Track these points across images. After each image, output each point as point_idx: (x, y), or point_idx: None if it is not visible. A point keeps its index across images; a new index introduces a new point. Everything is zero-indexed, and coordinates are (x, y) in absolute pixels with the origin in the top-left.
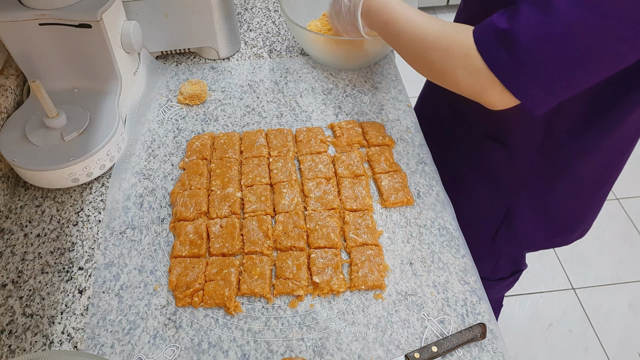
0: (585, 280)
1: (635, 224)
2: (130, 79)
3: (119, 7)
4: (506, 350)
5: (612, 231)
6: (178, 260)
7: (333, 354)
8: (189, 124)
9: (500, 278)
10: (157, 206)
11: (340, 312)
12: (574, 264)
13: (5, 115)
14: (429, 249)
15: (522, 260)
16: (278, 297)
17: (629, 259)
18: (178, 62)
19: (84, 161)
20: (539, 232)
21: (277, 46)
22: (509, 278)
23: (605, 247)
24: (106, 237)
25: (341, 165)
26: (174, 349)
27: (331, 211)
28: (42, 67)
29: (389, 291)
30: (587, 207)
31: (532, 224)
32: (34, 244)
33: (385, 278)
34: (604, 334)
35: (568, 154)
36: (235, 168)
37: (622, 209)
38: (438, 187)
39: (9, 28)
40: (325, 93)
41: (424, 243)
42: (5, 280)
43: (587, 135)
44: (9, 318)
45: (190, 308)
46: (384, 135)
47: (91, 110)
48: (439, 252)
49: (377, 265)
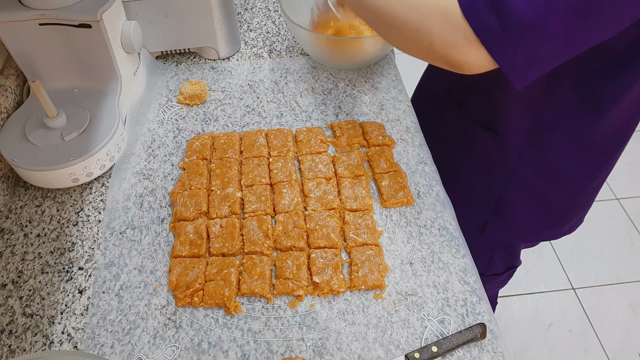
0: (585, 280)
1: (635, 224)
2: (130, 79)
3: (119, 7)
4: (506, 350)
5: (612, 231)
6: (178, 260)
7: (333, 354)
8: (189, 124)
9: (493, 274)
10: (157, 206)
11: (340, 312)
12: (574, 264)
13: (5, 115)
14: (429, 249)
15: (517, 256)
16: (278, 297)
17: (629, 259)
18: (178, 62)
19: (84, 161)
20: (530, 223)
21: (277, 46)
22: (502, 274)
23: (605, 247)
24: (106, 237)
25: (341, 165)
26: (174, 349)
27: (331, 211)
28: (42, 67)
29: (389, 291)
30: (577, 199)
31: (522, 213)
32: (34, 244)
33: (385, 278)
34: (604, 334)
35: (558, 142)
36: (235, 168)
37: (622, 209)
38: (438, 187)
39: (9, 28)
40: (325, 93)
41: (424, 243)
42: (5, 280)
43: (577, 123)
44: (9, 318)
45: (190, 308)
46: (384, 135)
47: (91, 110)
48: (439, 252)
49: (377, 265)
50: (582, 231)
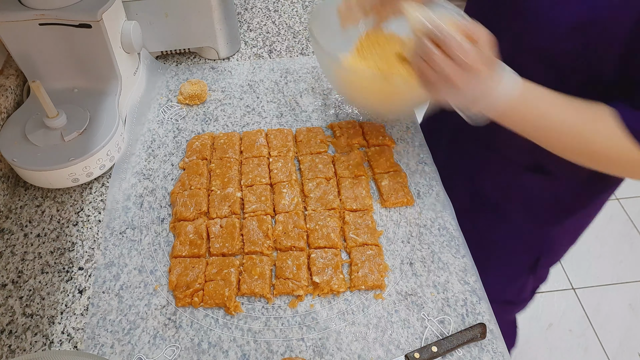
0: (585, 280)
1: (635, 224)
2: (130, 79)
3: (119, 7)
4: (506, 350)
5: (612, 231)
6: (178, 260)
7: (333, 354)
8: (189, 124)
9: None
10: (157, 206)
11: (340, 312)
12: (574, 264)
13: (5, 115)
14: (429, 249)
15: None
16: (278, 297)
17: (629, 259)
18: (178, 62)
19: (84, 161)
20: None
21: (277, 46)
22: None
23: (605, 247)
24: (106, 237)
25: (341, 166)
26: (174, 349)
27: (331, 211)
28: (42, 67)
29: (389, 291)
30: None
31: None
32: (34, 244)
33: (385, 278)
34: (604, 334)
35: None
36: (235, 168)
37: (622, 209)
38: (438, 187)
39: (9, 28)
40: (325, 93)
41: (424, 243)
42: (5, 280)
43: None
44: (9, 318)
45: (190, 308)
46: (384, 135)
47: (91, 110)
48: (439, 252)
49: (377, 265)
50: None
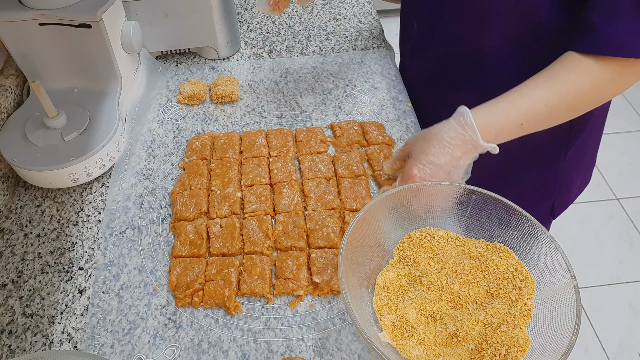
0: (585, 280)
1: (635, 224)
2: (130, 79)
3: (119, 7)
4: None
5: (612, 231)
6: (178, 260)
7: (333, 354)
8: (189, 124)
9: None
10: (157, 206)
11: (340, 312)
12: (574, 264)
13: (5, 115)
14: None
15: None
16: (278, 297)
17: (629, 259)
18: (178, 62)
19: (84, 161)
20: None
21: (277, 46)
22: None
23: (605, 247)
24: (106, 237)
25: (341, 165)
26: (174, 349)
27: (331, 211)
28: (42, 67)
29: None
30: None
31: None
32: (34, 244)
33: None
34: (604, 334)
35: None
36: (235, 168)
37: (622, 209)
38: None
39: (9, 28)
40: (325, 93)
41: None
42: (5, 280)
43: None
44: (9, 318)
45: (190, 308)
46: (384, 135)
47: (91, 110)
48: None
49: None
50: (582, 231)
